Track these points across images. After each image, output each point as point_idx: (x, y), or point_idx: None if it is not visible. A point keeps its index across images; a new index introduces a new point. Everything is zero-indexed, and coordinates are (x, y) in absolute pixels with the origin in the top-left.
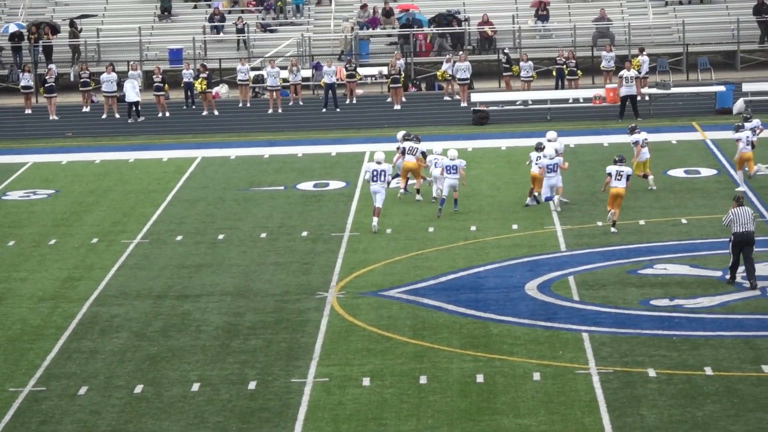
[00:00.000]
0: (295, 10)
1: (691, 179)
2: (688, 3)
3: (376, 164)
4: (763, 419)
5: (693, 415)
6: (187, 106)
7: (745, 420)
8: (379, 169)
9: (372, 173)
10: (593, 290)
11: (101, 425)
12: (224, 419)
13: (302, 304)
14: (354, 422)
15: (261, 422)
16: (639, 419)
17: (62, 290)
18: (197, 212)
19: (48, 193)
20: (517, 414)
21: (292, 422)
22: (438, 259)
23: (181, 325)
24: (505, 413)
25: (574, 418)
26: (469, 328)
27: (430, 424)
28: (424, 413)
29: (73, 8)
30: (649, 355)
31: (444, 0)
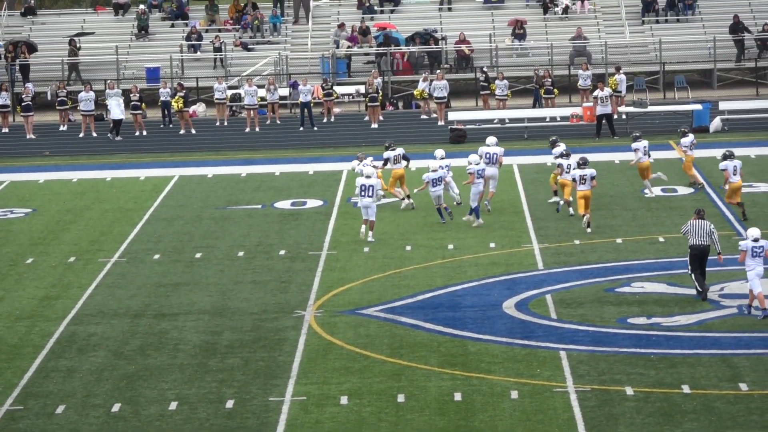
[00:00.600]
0: (272, 29)
1: (669, 197)
2: (665, 22)
3: (365, 179)
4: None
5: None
6: (165, 125)
7: None
8: (368, 183)
9: (360, 188)
10: (571, 308)
11: None
12: None
13: (280, 322)
14: None
15: None
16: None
17: (39, 309)
18: (175, 231)
19: (25, 211)
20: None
21: None
22: (415, 277)
23: (158, 343)
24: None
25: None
26: (447, 347)
27: None
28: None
29: (51, 27)
30: (627, 373)
31: (421, 19)
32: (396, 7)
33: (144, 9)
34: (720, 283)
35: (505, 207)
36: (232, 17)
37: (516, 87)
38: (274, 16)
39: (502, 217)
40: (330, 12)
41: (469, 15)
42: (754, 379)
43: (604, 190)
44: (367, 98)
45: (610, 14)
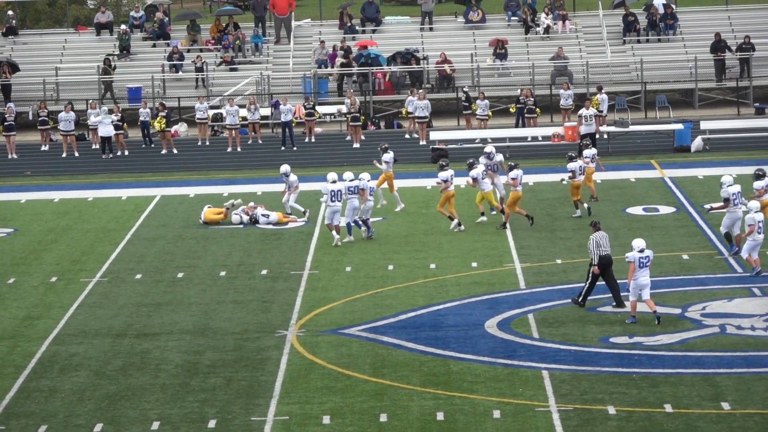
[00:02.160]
0: (253, 49)
1: (650, 216)
2: (646, 41)
3: (331, 184)
4: None
5: None
6: (146, 145)
7: None
8: (336, 188)
9: (330, 194)
10: (553, 328)
11: None
12: None
13: (262, 342)
14: None
15: None
16: None
17: (21, 329)
18: (156, 250)
19: (7, 231)
20: None
21: None
22: (397, 296)
23: (140, 363)
24: None
25: None
26: (429, 366)
27: None
28: None
29: (33, 47)
30: (609, 392)
31: (403, 38)
32: (377, 26)
33: (126, 29)
34: (702, 302)
35: (487, 227)
36: (214, 37)
37: (497, 107)
38: (256, 35)
39: (485, 236)
40: (311, 32)
41: (451, 35)
42: (736, 398)
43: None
44: (348, 118)
45: (592, 34)
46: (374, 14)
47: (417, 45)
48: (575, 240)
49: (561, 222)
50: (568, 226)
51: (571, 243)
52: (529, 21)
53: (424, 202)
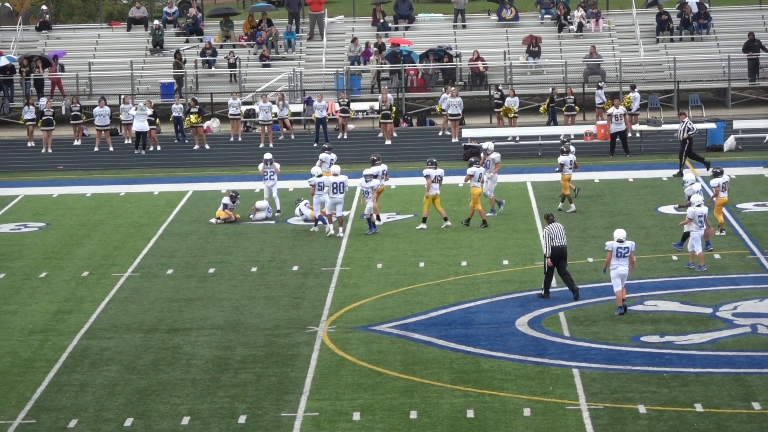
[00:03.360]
0: (286, 45)
1: (682, 216)
2: (679, 40)
3: (333, 176)
4: None
5: None
6: (179, 140)
7: None
8: (338, 181)
9: (332, 186)
10: (584, 326)
11: None
12: None
13: (293, 338)
14: None
15: None
16: None
17: (52, 323)
18: (188, 246)
19: (39, 226)
20: None
21: None
22: (429, 294)
23: (171, 358)
24: None
25: None
26: (460, 364)
27: None
28: None
29: (65, 41)
30: (640, 391)
31: (435, 36)
32: (410, 24)
33: (159, 24)
34: (733, 302)
35: (518, 225)
36: (247, 33)
37: (529, 105)
38: (289, 32)
39: (516, 234)
40: (344, 28)
41: (484, 32)
42: (767, 398)
43: (617, 208)
44: (380, 115)
45: (625, 32)
46: (407, 11)
47: (450, 42)
48: (607, 238)
49: (593, 220)
50: (599, 224)
51: (602, 241)
52: (563, 19)
53: (456, 200)
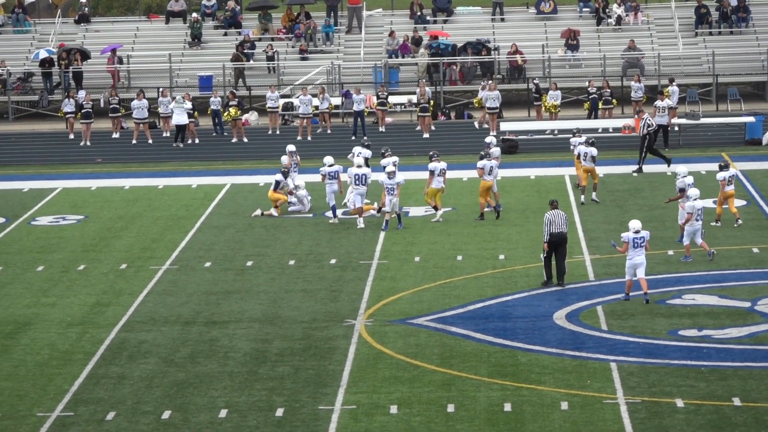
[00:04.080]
0: (324, 38)
1: None
2: (718, 34)
3: (356, 168)
4: None
5: None
6: (217, 133)
7: None
8: (361, 173)
9: (355, 177)
10: (621, 320)
11: None
12: None
13: (330, 331)
14: None
15: None
16: None
17: (90, 316)
18: (226, 239)
19: (77, 218)
20: None
21: None
22: (466, 287)
23: (209, 351)
24: None
25: None
26: (497, 357)
27: None
28: None
29: (104, 34)
30: (677, 385)
31: (474, 29)
32: (449, 17)
33: (197, 17)
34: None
35: None
36: (285, 26)
37: (568, 98)
38: (327, 25)
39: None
40: (383, 21)
41: (522, 25)
42: None
43: (656, 201)
44: (418, 108)
45: (664, 26)
46: (445, 4)
47: (488, 35)
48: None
49: (631, 214)
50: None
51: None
52: (601, 12)
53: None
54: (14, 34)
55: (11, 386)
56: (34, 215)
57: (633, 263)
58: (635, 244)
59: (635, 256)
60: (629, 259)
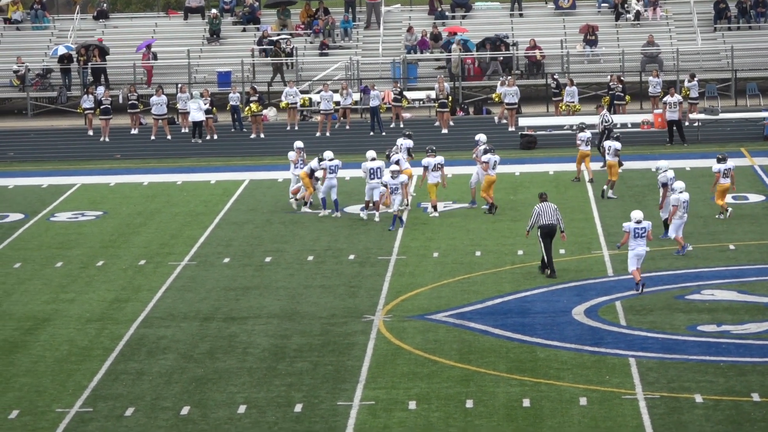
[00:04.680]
0: (343, 34)
1: (739, 205)
2: (737, 29)
3: (371, 162)
4: None
5: None
6: (235, 129)
7: None
8: (374, 166)
9: (369, 171)
10: (640, 315)
11: None
12: None
13: (349, 327)
14: None
15: None
16: None
17: (109, 311)
18: (244, 235)
19: (96, 214)
20: None
21: None
22: (485, 283)
23: (227, 347)
24: None
25: None
26: (516, 353)
27: None
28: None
29: (123, 30)
30: (696, 380)
31: (492, 24)
32: (467, 12)
33: (216, 13)
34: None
35: (575, 213)
36: (304, 22)
37: (587, 93)
38: (345, 21)
39: (573, 223)
40: (401, 17)
41: (541, 21)
42: None
43: None
44: (437, 104)
45: (682, 21)
46: (464, 0)
47: (507, 31)
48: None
49: (650, 209)
50: (656, 213)
51: (659, 230)
52: (620, 7)
53: (513, 189)
54: (33, 30)
55: (30, 382)
56: (53, 211)
57: (636, 253)
58: (636, 234)
59: (637, 246)
60: (631, 249)
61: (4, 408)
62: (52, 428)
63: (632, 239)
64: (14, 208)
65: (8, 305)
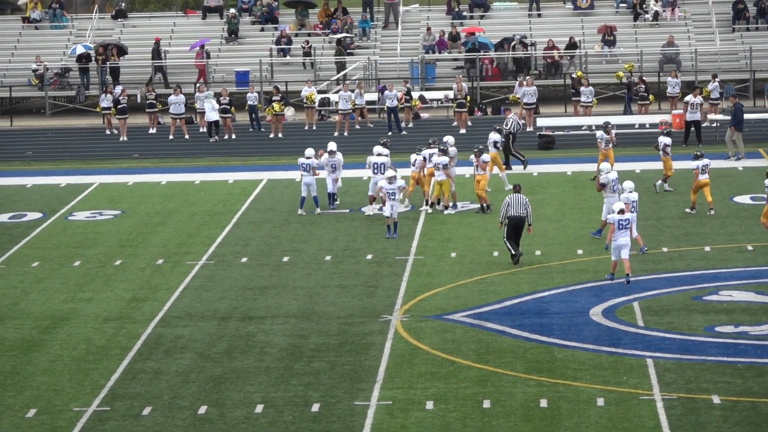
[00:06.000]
0: (361, 34)
1: (757, 206)
2: (756, 29)
3: (376, 157)
4: None
5: None
6: (253, 128)
7: None
8: (379, 161)
9: (374, 166)
10: (658, 316)
11: None
12: None
13: (366, 326)
14: None
15: None
16: None
17: (127, 311)
18: (262, 234)
19: (114, 213)
20: None
21: None
22: (502, 283)
23: (245, 346)
24: None
25: None
26: (533, 353)
27: None
28: None
29: (141, 30)
30: (714, 381)
31: (510, 24)
32: (485, 12)
33: (234, 13)
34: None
35: (593, 214)
36: (322, 22)
37: (605, 94)
38: (364, 21)
39: (590, 224)
40: (419, 17)
41: (559, 21)
42: None
43: None
44: (455, 104)
45: (701, 21)
46: (482, 0)
47: (525, 31)
48: (682, 228)
49: (667, 210)
50: (674, 214)
51: (677, 231)
52: (638, 8)
53: (530, 189)
54: (51, 29)
55: (48, 381)
56: (71, 210)
57: (618, 244)
58: (620, 226)
59: (620, 237)
60: (614, 240)
61: (22, 407)
62: (69, 427)
63: (616, 230)
64: (32, 207)
65: (26, 304)
